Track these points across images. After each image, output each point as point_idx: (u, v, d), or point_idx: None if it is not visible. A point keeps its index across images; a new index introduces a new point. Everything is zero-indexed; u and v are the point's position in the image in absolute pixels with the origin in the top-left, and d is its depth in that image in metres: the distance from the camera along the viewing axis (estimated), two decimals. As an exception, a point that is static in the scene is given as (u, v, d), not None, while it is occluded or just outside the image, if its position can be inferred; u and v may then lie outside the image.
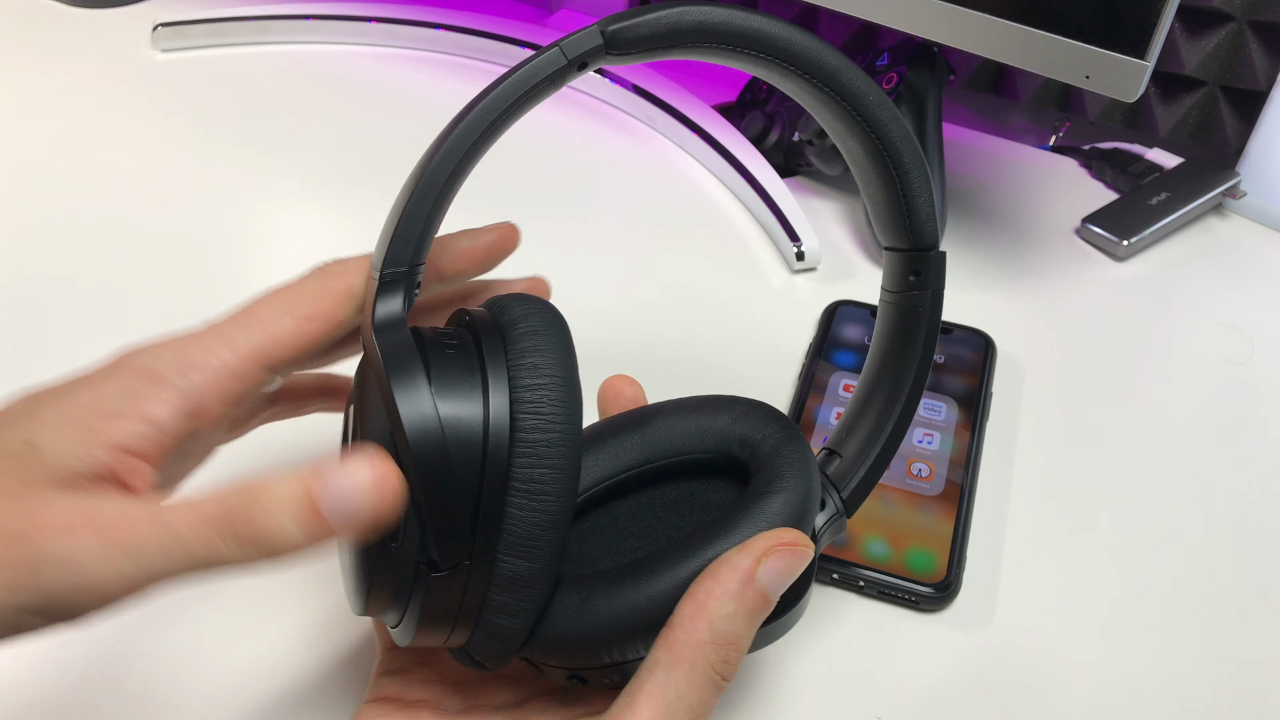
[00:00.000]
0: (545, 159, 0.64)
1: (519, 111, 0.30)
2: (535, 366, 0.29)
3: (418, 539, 0.28)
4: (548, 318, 0.30)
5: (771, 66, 0.32)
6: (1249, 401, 0.50)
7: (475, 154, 0.30)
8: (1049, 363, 0.52)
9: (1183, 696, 0.39)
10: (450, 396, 0.28)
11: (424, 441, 0.27)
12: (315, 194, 0.60)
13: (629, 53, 0.30)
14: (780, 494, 0.31)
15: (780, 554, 0.29)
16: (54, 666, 0.37)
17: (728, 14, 0.31)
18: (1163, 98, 0.68)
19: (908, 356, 0.34)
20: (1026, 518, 0.44)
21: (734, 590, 0.28)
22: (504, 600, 0.29)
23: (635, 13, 0.30)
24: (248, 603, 0.40)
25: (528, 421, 0.28)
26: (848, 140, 0.34)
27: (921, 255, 0.34)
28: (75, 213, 0.58)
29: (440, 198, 0.29)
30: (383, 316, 0.29)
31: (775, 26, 0.31)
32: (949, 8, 0.51)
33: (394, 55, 0.72)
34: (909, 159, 0.33)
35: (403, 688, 0.34)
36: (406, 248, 0.29)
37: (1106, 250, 0.59)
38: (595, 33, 0.30)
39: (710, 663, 0.28)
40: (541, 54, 0.29)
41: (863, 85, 0.32)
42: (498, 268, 0.37)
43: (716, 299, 0.55)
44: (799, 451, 0.32)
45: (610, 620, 0.29)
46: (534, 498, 0.28)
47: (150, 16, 0.73)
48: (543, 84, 0.29)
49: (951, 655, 0.39)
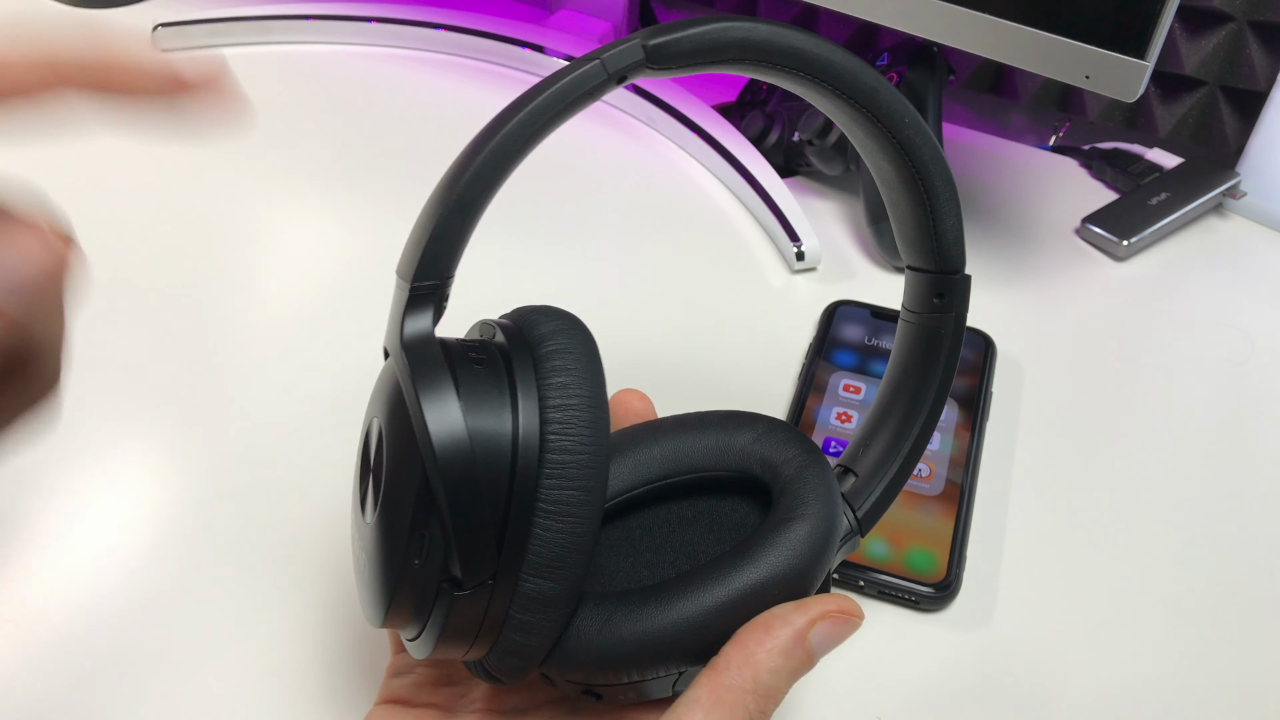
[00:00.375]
0: (545, 159, 0.64)
1: (557, 124, 0.29)
2: (565, 386, 0.29)
3: (442, 556, 0.28)
4: (577, 335, 0.30)
5: (810, 84, 0.32)
6: (1249, 401, 0.50)
7: (511, 167, 0.29)
8: (1049, 363, 0.52)
9: (1183, 696, 0.39)
10: (479, 413, 0.28)
11: (452, 459, 0.27)
12: (315, 194, 0.60)
13: (669, 67, 0.30)
14: (805, 521, 0.31)
15: (835, 620, 0.30)
16: (54, 666, 0.37)
17: (770, 31, 0.31)
18: (1163, 98, 0.68)
19: (928, 378, 0.34)
20: (1026, 518, 0.44)
21: (785, 647, 0.29)
22: (526, 619, 0.28)
23: (677, 26, 0.30)
24: (257, 603, 0.40)
25: (557, 443, 0.28)
26: (879, 159, 0.34)
27: (947, 278, 0.34)
28: (75, 213, 0.57)
29: (475, 210, 0.29)
30: (412, 332, 0.28)
31: (816, 44, 0.31)
32: (949, 8, 0.51)
33: (394, 55, 0.72)
34: (940, 182, 0.33)
35: (413, 690, 0.34)
36: (438, 262, 0.29)
37: (1106, 250, 0.59)
38: (637, 46, 0.29)
39: (749, 711, 0.28)
40: (581, 66, 0.29)
41: (899, 106, 0.32)
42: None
43: (716, 299, 0.55)
44: (822, 477, 0.32)
45: (633, 643, 0.29)
46: (561, 519, 0.28)
47: (150, 16, 0.73)
48: (582, 97, 0.29)
49: (951, 655, 0.39)
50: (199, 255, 0.55)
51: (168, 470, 0.44)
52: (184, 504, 0.43)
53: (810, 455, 0.33)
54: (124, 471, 0.44)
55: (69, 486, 0.43)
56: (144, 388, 0.48)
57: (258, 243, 0.56)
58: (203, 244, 0.56)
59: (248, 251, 0.56)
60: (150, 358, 0.49)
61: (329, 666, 0.38)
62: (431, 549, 0.27)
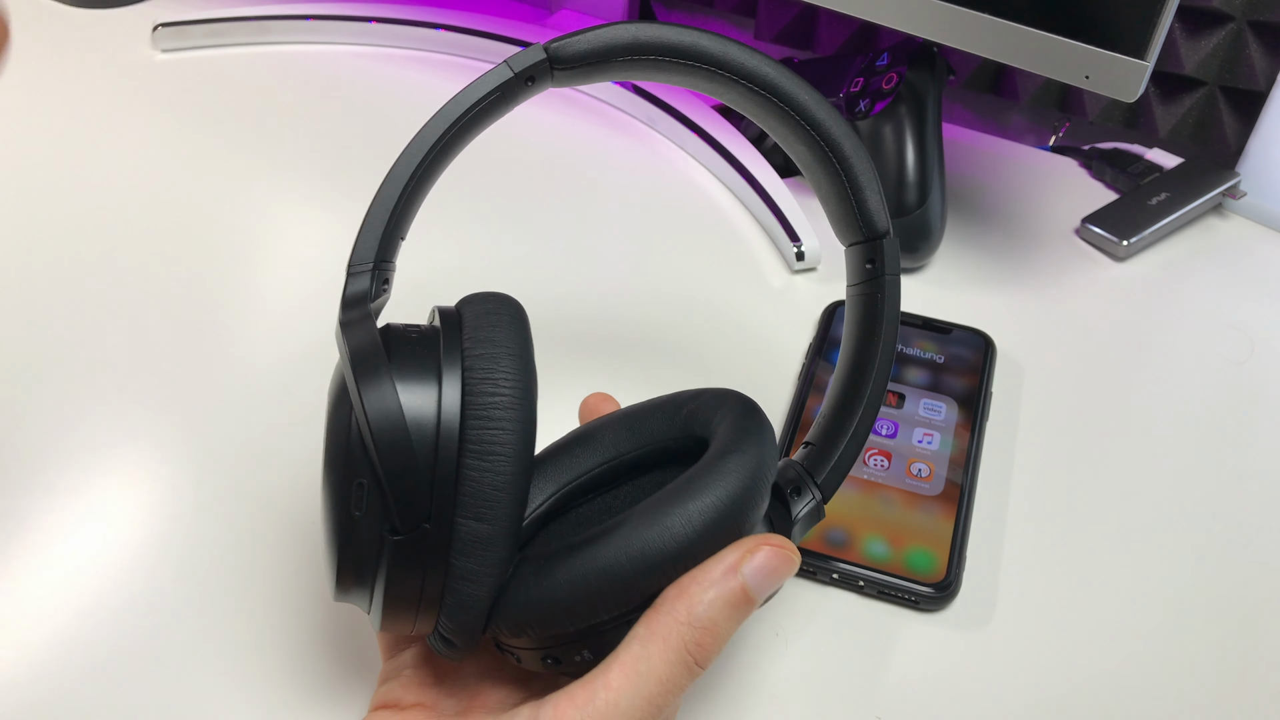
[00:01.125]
0: (546, 159, 0.64)
1: (478, 124, 0.34)
2: (489, 339, 0.31)
3: (380, 506, 0.29)
4: (504, 303, 0.32)
5: (714, 78, 0.34)
6: (1249, 401, 0.50)
7: (435, 163, 0.33)
8: (1049, 363, 0.52)
9: (1183, 696, 0.39)
10: (405, 368, 0.30)
11: (377, 404, 0.29)
12: (315, 193, 0.60)
13: (572, 68, 0.34)
14: (730, 455, 0.31)
15: (765, 552, 0.30)
16: (54, 666, 0.38)
17: (661, 28, 0.33)
18: (1162, 98, 0.68)
19: (873, 342, 0.35)
20: (1026, 518, 0.44)
21: (715, 579, 0.30)
22: (466, 565, 0.29)
23: (579, 30, 0.33)
24: (257, 604, 0.40)
25: (479, 386, 0.30)
26: (795, 144, 0.36)
27: (876, 244, 0.36)
28: (75, 213, 0.58)
29: (403, 202, 0.33)
30: (350, 297, 0.32)
31: (709, 38, 0.34)
32: (949, 8, 0.51)
33: (394, 55, 0.72)
34: (851, 152, 0.35)
35: (400, 692, 0.34)
36: (369, 248, 0.32)
37: (1106, 250, 0.59)
38: (539, 49, 0.33)
39: (684, 643, 0.29)
40: (491, 70, 0.33)
41: (799, 88, 0.34)
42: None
43: (716, 299, 0.55)
44: (753, 418, 0.33)
45: (565, 583, 0.30)
46: (485, 458, 0.29)
47: (150, 16, 0.73)
48: (494, 98, 0.33)
49: (951, 655, 0.39)
50: (198, 255, 0.55)
51: (168, 470, 0.44)
52: (184, 504, 0.43)
53: (743, 405, 0.34)
54: (124, 471, 0.44)
55: (69, 486, 0.43)
56: (143, 387, 0.48)
57: (257, 243, 0.56)
58: (202, 244, 0.56)
59: (247, 251, 0.56)
60: (150, 357, 0.49)
61: (330, 667, 0.38)
62: (370, 499, 0.29)
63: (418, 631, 0.31)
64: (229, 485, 0.44)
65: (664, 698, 0.29)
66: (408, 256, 0.36)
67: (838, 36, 0.75)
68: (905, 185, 0.56)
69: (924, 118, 0.57)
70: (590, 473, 0.36)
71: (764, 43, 0.78)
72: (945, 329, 0.52)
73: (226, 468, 0.45)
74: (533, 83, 0.34)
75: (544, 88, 0.35)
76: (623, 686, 0.29)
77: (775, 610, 0.41)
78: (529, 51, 0.33)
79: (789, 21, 0.76)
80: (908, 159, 0.56)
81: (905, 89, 0.57)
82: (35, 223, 0.57)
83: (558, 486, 0.35)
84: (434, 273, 0.51)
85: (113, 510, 0.43)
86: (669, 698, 0.29)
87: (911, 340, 0.51)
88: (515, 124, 0.65)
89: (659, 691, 0.29)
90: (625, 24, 0.34)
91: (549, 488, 0.35)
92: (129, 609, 0.39)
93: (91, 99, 0.66)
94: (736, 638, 0.40)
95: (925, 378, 0.49)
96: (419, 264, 0.47)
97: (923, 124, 0.57)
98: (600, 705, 0.29)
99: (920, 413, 0.47)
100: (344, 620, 0.39)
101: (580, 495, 0.36)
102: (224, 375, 0.49)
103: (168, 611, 0.39)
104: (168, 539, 0.42)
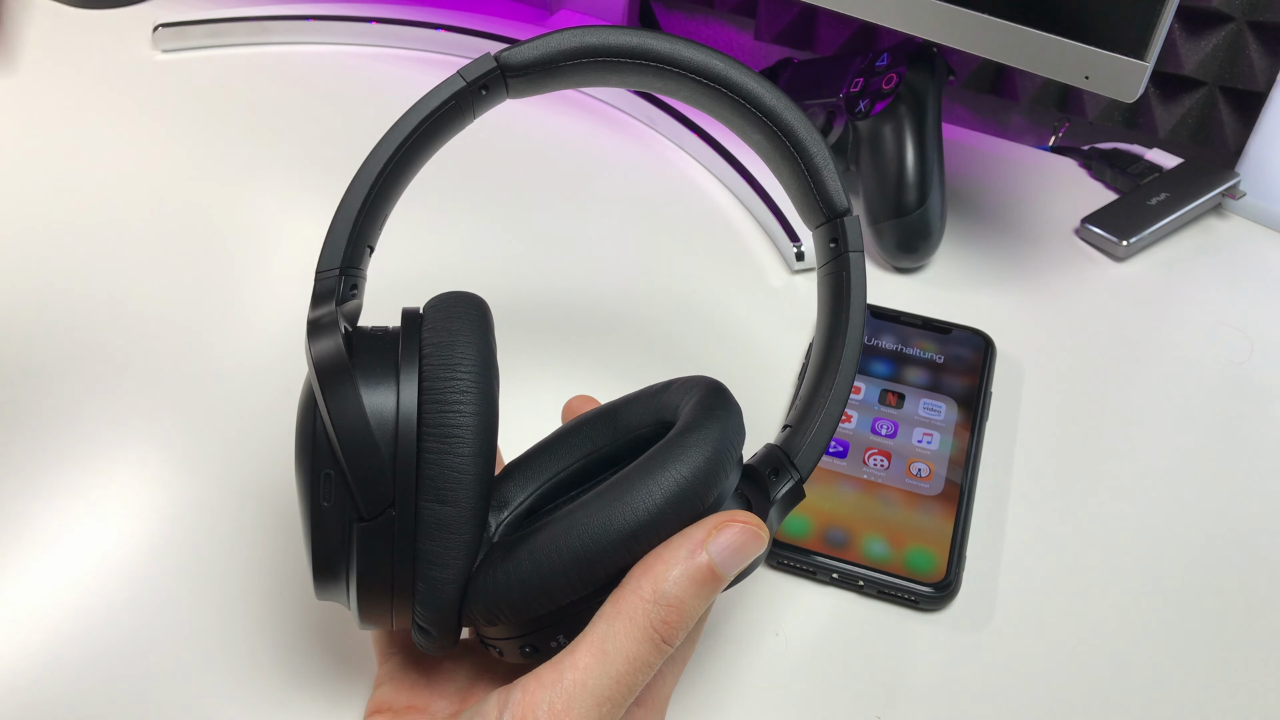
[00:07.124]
0: (546, 159, 0.64)
1: (439, 133, 0.35)
2: (447, 329, 0.32)
3: (346, 493, 0.30)
4: (463, 298, 0.33)
5: (665, 76, 0.35)
6: (1249, 401, 0.50)
7: (399, 172, 0.35)
8: (1049, 363, 0.52)
9: (1183, 696, 0.39)
10: (368, 361, 0.31)
11: (340, 397, 0.30)
12: (315, 194, 0.60)
13: (522, 75, 0.34)
14: (694, 430, 0.31)
15: (731, 529, 0.30)
16: (54, 666, 0.38)
17: (608, 31, 0.34)
18: (1162, 98, 0.68)
19: (841, 319, 0.35)
20: (1026, 518, 0.44)
21: (680, 556, 0.30)
22: (431, 548, 0.30)
23: (528, 39, 0.34)
24: (258, 604, 0.40)
25: (434, 372, 0.31)
26: (751, 134, 0.36)
27: (838, 224, 0.36)
28: (75, 213, 0.58)
29: (368, 208, 0.34)
30: (318, 295, 0.33)
31: (655, 37, 0.34)
32: (949, 8, 0.51)
33: (394, 55, 0.72)
34: (805, 136, 0.35)
35: (393, 695, 0.34)
36: (334, 255, 0.34)
37: (1106, 250, 0.59)
38: (489, 57, 0.34)
39: (651, 620, 0.29)
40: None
41: (748, 78, 0.35)
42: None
43: (716, 299, 0.55)
44: (718, 398, 0.33)
45: (530, 563, 0.30)
46: (443, 440, 0.30)
47: (150, 17, 0.73)
48: (450, 106, 0.34)
49: (951, 655, 0.39)
50: (199, 255, 0.55)
51: (168, 470, 0.45)
52: (184, 504, 0.43)
53: (706, 387, 0.34)
54: (124, 471, 0.44)
55: (69, 486, 0.43)
56: (144, 387, 0.48)
57: (257, 242, 0.57)
58: (203, 244, 0.56)
59: (248, 251, 0.56)
60: (150, 357, 0.49)
61: (330, 668, 0.38)
62: (336, 489, 0.30)
63: (397, 625, 0.32)
64: (229, 485, 0.44)
65: (633, 676, 0.29)
66: (408, 257, 0.36)
67: (837, 36, 0.75)
68: (905, 185, 0.56)
69: (924, 118, 0.57)
70: (569, 468, 0.36)
71: (764, 43, 0.78)
72: (945, 329, 0.52)
73: (226, 468, 0.45)
74: (487, 91, 0.35)
75: (501, 98, 0.35)
76: (590, 666, 0.29)
77: (775, 610, 0.41)
78: (479, 61, 0.34)
79: (789, 22, 0.76)
80: (907, 159, 0.56)
81: (905, 89, 0.57)
82: (35, 223, 0.57)
83: (538, 484, 0.36)
84: (434, 273, 0.51)
85: (112, 510, 0.43)
86: (638, 676, 0.29)
87: (911, 340, 0.51)
88: (515, 124, 0.65)
89: (627, 670, 0.29)
90: (572, 29, 0.34)
91: (529, 485, 0.36)
92: (129, 609, 0.39)
93: (92, 99, 0.66)
94: (737, 637, 0.40)
95: (925, 378, 0.49)
96: (419, 264, 0.47)
97: (922, 124, 0.57)
98: (568, 685, 0.29)
99: (920, 413, 0.47)
100: (344, 620, 0.39)
101: (562, 491, 0.36)
102: (224, 375, 0.49)
103: (167, 612, 0.39)
104: (168, 539, 0.42)
